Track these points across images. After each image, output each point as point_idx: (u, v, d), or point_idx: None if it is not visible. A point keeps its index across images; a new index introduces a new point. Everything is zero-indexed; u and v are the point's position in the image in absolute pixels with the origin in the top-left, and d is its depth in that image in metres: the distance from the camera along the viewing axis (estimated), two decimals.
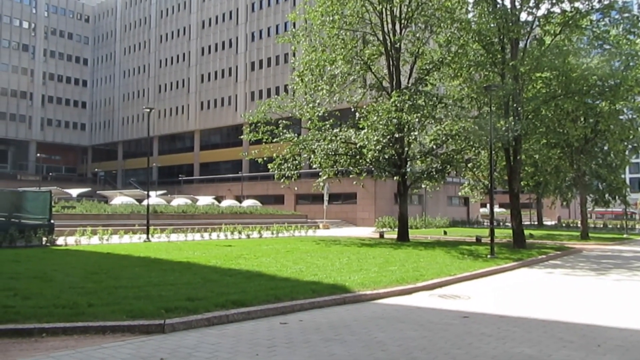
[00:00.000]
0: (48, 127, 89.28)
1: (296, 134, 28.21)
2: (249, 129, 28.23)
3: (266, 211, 46.32)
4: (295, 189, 42.09)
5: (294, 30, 30.40)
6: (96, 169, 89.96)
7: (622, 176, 40.16)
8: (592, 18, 24.97)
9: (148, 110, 28.14)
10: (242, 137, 29.81)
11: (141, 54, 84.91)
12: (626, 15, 23.67)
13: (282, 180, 27.94)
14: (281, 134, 27.41)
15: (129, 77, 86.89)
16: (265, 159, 28.11)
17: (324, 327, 7.92)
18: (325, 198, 45.08)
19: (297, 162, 27.83)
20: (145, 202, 30.51)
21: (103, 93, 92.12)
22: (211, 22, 74.31)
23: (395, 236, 28.20)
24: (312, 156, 27.16)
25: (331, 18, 26.56)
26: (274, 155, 27.86)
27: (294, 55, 41.47)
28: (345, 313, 9.01)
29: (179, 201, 48.80)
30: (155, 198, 47.90)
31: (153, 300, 8.64)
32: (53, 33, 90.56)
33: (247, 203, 52.20)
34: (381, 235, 30.93)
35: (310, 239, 26.68)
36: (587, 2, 23.36)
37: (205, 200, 52.24)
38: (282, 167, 27.59)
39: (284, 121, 27.85)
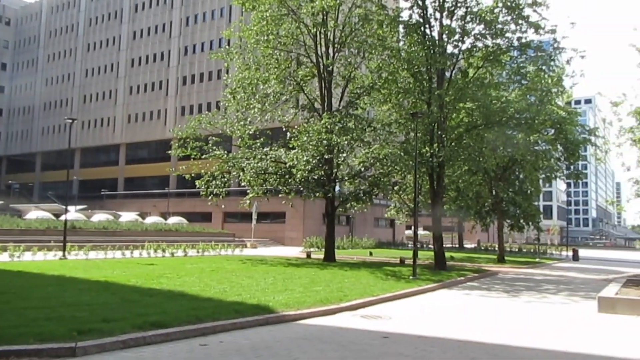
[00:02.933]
0: None
1: (226, 152, 27.92)
2: (177, 144, 27.66)
3: (192, 229, 45.27)
4: (223, 207, 41.43)
5: (227, 47, 30.30)
6: (10, 181, 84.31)
7: (536, 203, 42.58)
8: (511, 54, 26.61)
9: (70, 120, 26.95)
10: (170, 152, 29.13)
11: (66, 62, 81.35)
12: (541, 54, 25.42)
13: (210, 197, 27.50)
14: (211, 150, 27.07)
15: (51, 85, 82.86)
16: (193, 175, 27.59)
17: (245, 348, 7.84)
18: (254, 217, 44.70)
19: (225, 179, 27.52)
20: (63, 217, 29.05)
21: (22, 100, 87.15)
22: (143, 33, 72.54)
23: (322, 256, 28.37)
24: (242, 174, 26.99)
25: (266, 38, 26.73)
26: (203, 172, 27.41)
27: (227, 72, 41.24)
28: (268, 334, 8.96)
29: (100, 217, 46.72)
30: (74, 213, 45.59)
31: (65, 322, 8.22)
32: None
33: (173, 220, 50.81)
34: (308, 255, 31.00)
35: (237, 258, 26.33)
36: (506, 40, 24.92)
37: (128, 217, 50.33)
38: (211, 184, 27.18)
39: (214, 138, 27.54)
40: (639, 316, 12.18)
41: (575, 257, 42.52)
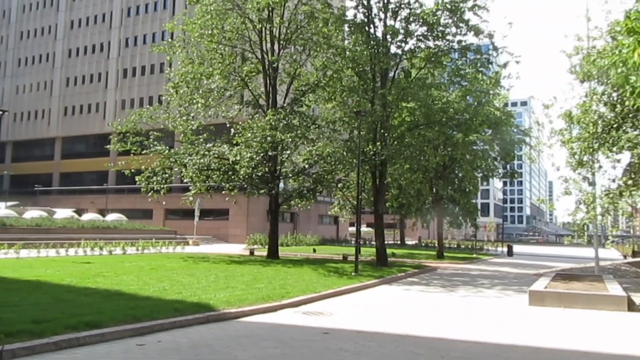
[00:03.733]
0: None
1: (168, 147, 27.30)
2: (117, 139, 26.83)
3: (132, 226, 44.05)
4: (164, 203, 40.56)
5: (170, 40, 29.61)
6: None
7: (474, 201, 44.02)
8: (452, 56, 27.41)
9: (1, 112, 25.61)
10: (109, 147, 28.17)
11: None
12: (479, 57, 26.33)
13: (150, 194, 26.84)
14: (152, 145, 26.41)
15: None
16: (133, 171, 26.81)
17: (184, 347, 7.72)
18: (197, 214, 44.00)
19: (167, 175, 26.92)
20: None
21: None
22: (81, 22, 69.72)
23: (265, 253, 28.27)
24: (184, 170, 26.46)
25: (210, 32, 26.29)
26: (143, 167, 26.69)
27: (169, 65, 40.25)
28: (208, 332, 8.86)
29: (33, 213, 44.56)
30: (4, 209, 43.42)
31: None
32: None
33: (112, 217, 49.21)
34: (251, 253, 30.84)
35: (178, 256, 25.83)
36: (447, 42, 25.64)
37: (63, 213, 48.27)
38: (151, 180, 26.49)
39: (155, 133, 26.87)
40: (566, 308, 12.89)
41: (510, 253, 44.36)
